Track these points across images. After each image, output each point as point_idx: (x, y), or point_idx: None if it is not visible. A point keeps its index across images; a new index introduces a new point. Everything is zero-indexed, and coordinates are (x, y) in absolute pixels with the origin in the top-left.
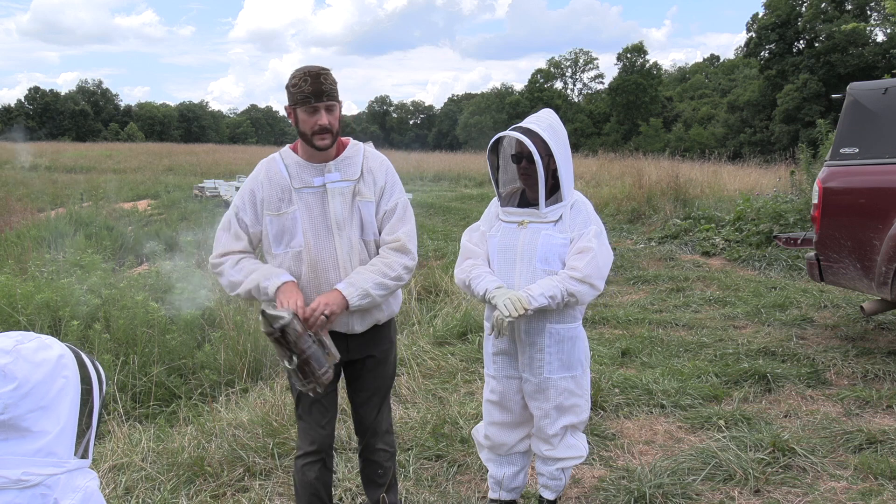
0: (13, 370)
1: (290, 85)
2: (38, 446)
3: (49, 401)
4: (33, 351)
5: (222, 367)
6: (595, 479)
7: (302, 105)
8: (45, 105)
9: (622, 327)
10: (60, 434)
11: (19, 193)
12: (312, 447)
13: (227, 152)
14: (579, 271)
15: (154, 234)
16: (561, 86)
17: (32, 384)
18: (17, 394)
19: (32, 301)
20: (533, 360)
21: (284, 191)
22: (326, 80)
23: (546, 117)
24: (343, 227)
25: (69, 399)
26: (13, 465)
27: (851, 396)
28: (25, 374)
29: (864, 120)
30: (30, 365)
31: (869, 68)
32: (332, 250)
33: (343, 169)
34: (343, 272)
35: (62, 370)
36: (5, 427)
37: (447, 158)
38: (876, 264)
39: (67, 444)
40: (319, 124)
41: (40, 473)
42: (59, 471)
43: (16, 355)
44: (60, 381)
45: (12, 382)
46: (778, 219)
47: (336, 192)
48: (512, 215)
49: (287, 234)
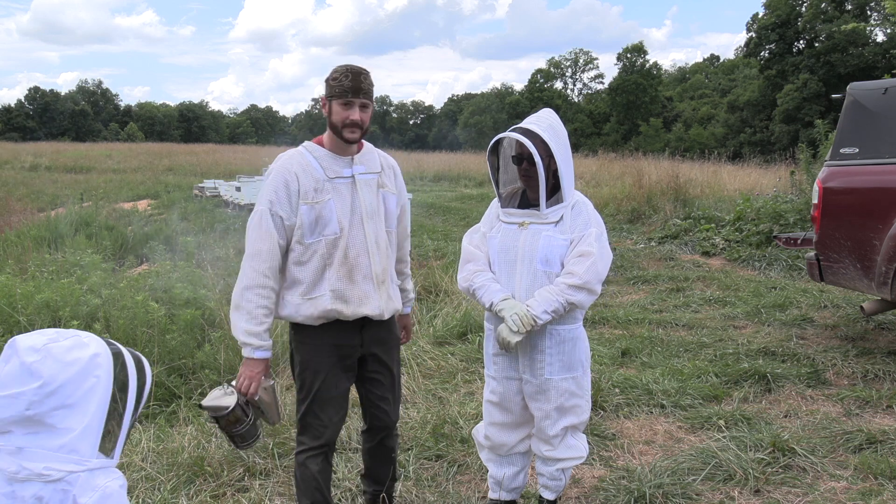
0: (39, 368)
1: (330, 78)
2: (61, 443)
3: (75, 399)
4: (65, 350)
5: (222, 367)
6: (595, 479)
7: (339, 98)
8: (45, 105)
9: (622, 327)
10: (85, 432)
11: (19, 193)
12: (318, 441)
13: (227, 152)
14: (579, 277)
15: (154, 233)
16: (561, 86)
17: (59, 383)
18: (42, 391)
19: (32, 301)
20: (534, 361)
21: (318, 181)
22: (366, 80)
23: (546, 117)
24: (372, 215)
25: (97, 399)
26: (37, 459)
27: (851, 396)
28: (52, 373)
29: (864, 120)
30: (58, 364)
31: (869, 68)
32: (363, 238)
33: (366, 163)
34: (372, 258)
35: (94, 370)
36: (32, 422)
37: (447, 158)
38: (876, 264)
39: (91, 443)
40: (352, 119)
41: (62, 469)
42: (79, 468)
43: (44, 354)
44: (90, 381)
45: (38, 380)
46: (778, 219)
47: (364, 183)
48: (512, 216)
49: (321, 222)
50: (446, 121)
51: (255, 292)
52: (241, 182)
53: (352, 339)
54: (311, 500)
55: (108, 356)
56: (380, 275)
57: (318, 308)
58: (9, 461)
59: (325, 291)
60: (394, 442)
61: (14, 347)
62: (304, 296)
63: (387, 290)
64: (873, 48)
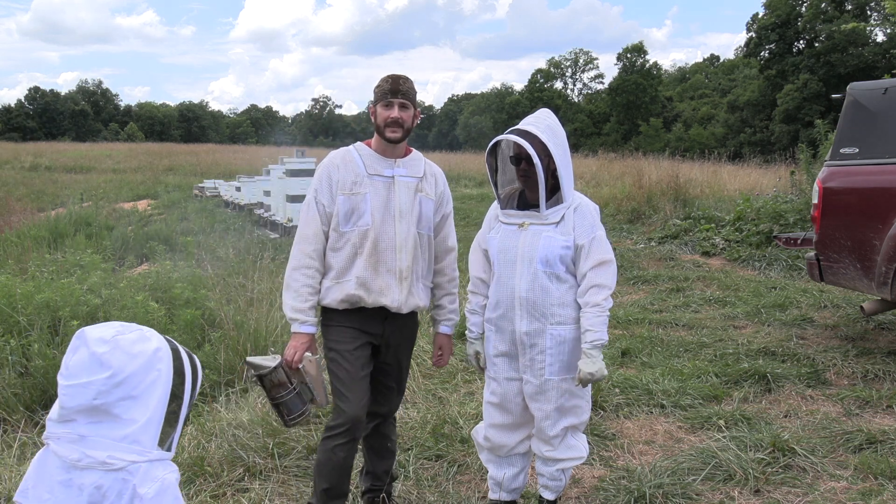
0: (109, 359)
1: (375, 87)
2: (124, 433)
3: (140, 391)
4: (132, 343)
5: (222, 367)
6: (595, 479)
7: (380, 101)
8: (45, 105)
9: (622, 327)
10: (147, 424)
11: (19, 193)
12: (338, 420)
13: (227, 152)
14: (608, 288)
15: (154, 233)
16: (561, 86)
17: (126, 374)
18: (110, 382)
19: (32, 301)
20: (534, 361)
21: (358, 175)
22: (405, 84)
23: (544, 118)
24: (404, 215)
25: (159, 391)
26: (100, 448)
27: (851, 396)
28: (120, 364)
29: (864, 120)
30: (126, 356)
31: (869, 68)
32: (393, 234)
33: (409, 167)
34: (399, 255)
35: (157, 363)
36: (97, 411)
37: (447, 158)
38: (876, 264)
39: (152, 435)
40: (391, 117)
41: (124, 459)
42: (141, 459)
43: (114, 345)
44: (153, 374)
45: (107, 371)
46: (778, 219)
47: (402, 184)
48: (512, 217)
49: (356, 213)
50: (446, 121)
51: (301, 272)
52: (241, 182)
53: (374, 328)
54: (330, 483)
55: (167, 351)
56: (403, 270)
57: (344, 292)
58: (71, 449)
59: (351, 277)
60: (389, 430)
61: (83, 338)
62: (334, 280)
63: (409, 286)
64: (873, 48)
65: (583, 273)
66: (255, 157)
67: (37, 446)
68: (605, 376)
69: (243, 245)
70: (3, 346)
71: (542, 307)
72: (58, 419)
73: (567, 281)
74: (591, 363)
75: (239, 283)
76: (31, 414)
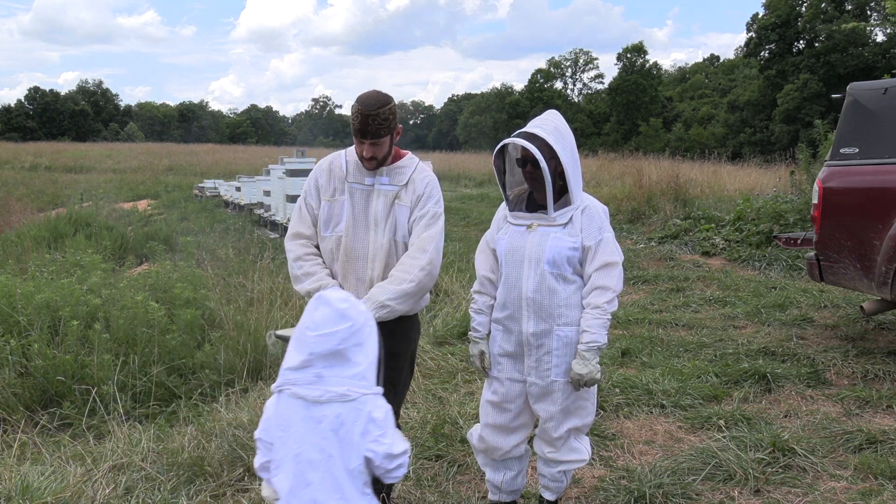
0: (350, 313)
1: (351, 114)
2: (354, 372)
3: (364, 339)
4: (358, 302)
5: (222, 367)
6: (595, 479)
7: (354, 135)
8: (45, 105)
9: (622, 327)
10: (370, 366)
11: (19, 193)
12: None
13: (227, 152)
14: (613, 290)
15: (154, 233)
16: (561, 86)
17: (359, 325)
18: (349, 331)
19: (32, 301)
20: (540, 362)
21: (339, 181)
22: (373, 123)
23: (551, 120)
24: (379, 224)
25: (374, 341)
26: (338, 385)
27: (851, 396)
28: (356, 317)
29: (864, 120)
30: (357, 311)
31: (869, 68)
32: (366, 243)
33: (393, 176)
34: (371, 264)
35: (370, 320)
36: (335, 356)
37: (447, 158)
38: (876, 264)
39: (373, 374)
40: (364, 155)
41: (358, 391)
42: (369, 391)
43: (350, 303)
44: (370, 327)
45: (348, 322)
46: (778, 219)
47: (381, 193)
48: (520, 219)
49: (334, 220)
50: (446, 121)
51: (304, 259)
52: (241, 182)
53: None
54: None
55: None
56: (375, 280)
57: None
58: (312, 389)
59: None
60: None
61: (324, 299)
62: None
63: None
64: (873, 48)
65: (588, 274)
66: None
67: (37, 446)
68: (598, 380)
69: (243, 245)
70: (3, 346)
71: (549, 308)
72: (299, 366)
73: (574, 282)
74: (583, 364)
75: (239, 283)
76: (31, 414)
